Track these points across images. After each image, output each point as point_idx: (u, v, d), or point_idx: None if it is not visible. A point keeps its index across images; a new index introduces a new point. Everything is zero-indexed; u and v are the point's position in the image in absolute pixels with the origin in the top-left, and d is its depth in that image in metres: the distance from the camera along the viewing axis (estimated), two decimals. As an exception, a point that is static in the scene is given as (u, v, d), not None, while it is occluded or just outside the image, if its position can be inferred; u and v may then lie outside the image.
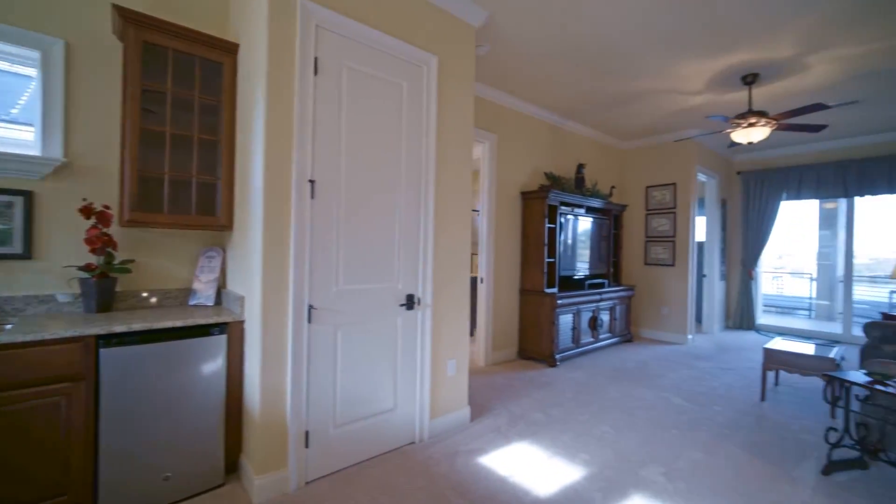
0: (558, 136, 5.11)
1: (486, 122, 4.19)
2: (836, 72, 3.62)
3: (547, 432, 2.73)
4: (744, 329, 6.52)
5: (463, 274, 2.80)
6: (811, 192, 5.96)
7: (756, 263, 6.44)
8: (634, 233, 6.04)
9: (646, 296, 5.89)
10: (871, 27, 2.90)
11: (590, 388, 3.59)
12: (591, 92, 4.19)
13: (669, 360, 4.61)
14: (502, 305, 4.43)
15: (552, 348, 4.24)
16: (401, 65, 2.41)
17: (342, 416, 2.21)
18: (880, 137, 5.40)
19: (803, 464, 2.40)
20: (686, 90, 4.09)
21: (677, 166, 5.61)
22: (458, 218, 2.77)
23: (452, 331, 2.75)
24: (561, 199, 4.57)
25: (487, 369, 4.12)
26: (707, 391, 3.61)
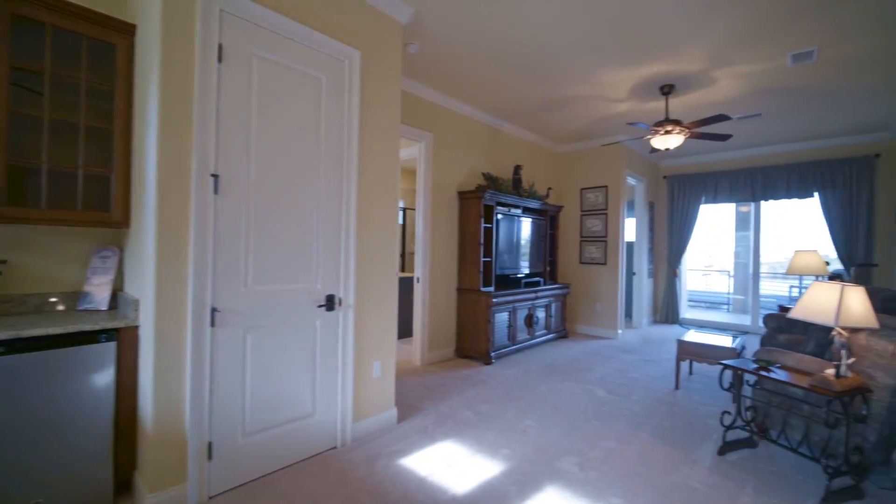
0: (496, 137, 5.20)
1: (422, 121, 4.18)
2: (740, 87, 3.96)
3: (473, 430, 2.75)
4: (669, 323, 6.99)
5: (389, 273, 2.76)
6: (726, 197, 6.51)
7: (680, 262, 6.92)
8: (570, 233, 6.29)
9: (581, 293, 6.15)
10: (763, 48, 3.20)
11: (521, 385, 3.68)
12: (525, 95, 4.30)
13: (599, 355, 4.84)
14: (439, 305, 4.43)
15: (488, 346, 4.31)
16: (320, 57, 2.33)
17: (253, 425, 2.09)
18: (781, 148, 6.00)
19: (704, 446, 2.60)
20: (611, 97, 4.30)
21: (608, 170, 5.91)
22: (384, 216, 2.73)
23: (378, 331, 2.70)
24: (498, 199, 4.65)
25: (423, 369, 4.10)
26: (628, 382, 3.82)
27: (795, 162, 5.87)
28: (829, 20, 2.83)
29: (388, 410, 2.79)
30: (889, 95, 4.10)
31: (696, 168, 6.80)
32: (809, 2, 2.64)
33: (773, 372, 2.34)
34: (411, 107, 4.05)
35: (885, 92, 4.01)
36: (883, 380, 2.12)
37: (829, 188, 5.62)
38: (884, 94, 4.08)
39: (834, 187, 5.59)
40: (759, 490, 2.13)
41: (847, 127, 5.17)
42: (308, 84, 2.28)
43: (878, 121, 4.90)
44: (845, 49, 3.20)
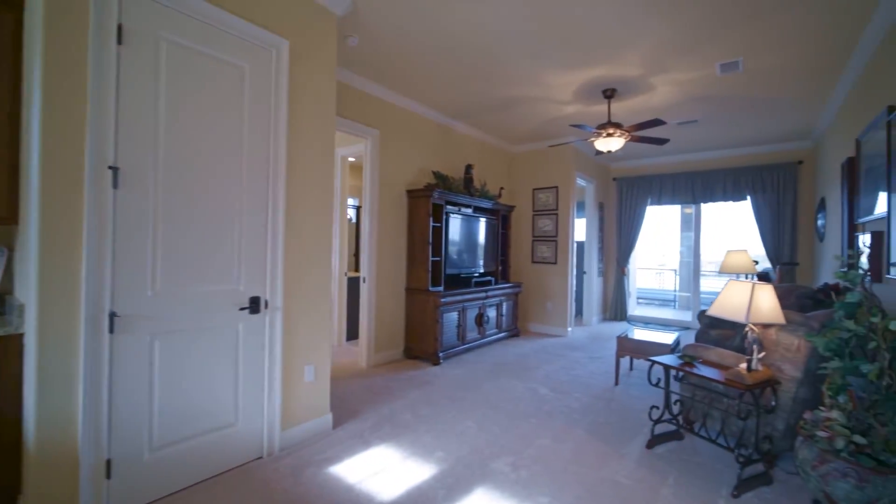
0: (448, 136, 5.18)
1: (368, 117, 4.08)
2: (676, 93, 4.13)
3: (411, 433, 2.70)
4: (618, 320, 7.23)
5: (323, 274, 2.66)
6: (669, 199, 6.81)
7: (628, 261, 7.18)
8: (523, 232, 6.37)
9: (533, 292, 6.24)
10: (693, 57, 3.34)
11: (466, 385, 3.67)
12: (474, 94, 4.29)
13: (547, 352, 4.92)
14: (387, 305, 4.35)
15: (436, 347, 4.27)
16: (242, 45, 2.20)
17: (163, 438, 1.94)
18: (718, 153, 6.34)
19: (635, 440, 2.67)
20: (558, 99, 4.37)
21: (559, 171, 6.03)
22: (318, 213, 2.62)
23: (310, 334, 2.59)
24: (448, 198, 4.62)
25: (369, 371, 4.01)
26: (572, 380, 3.89)
27: (730, 167, 6.23)
28: (752, 32, 2.98)
29: (323, 416, 2.68)
30: (808, 106, 4.41)
31: (643, 171, 7.07)
32: (733, 15, 2.77)
33: (695, 367, 2.43)
34: (356, 102, 3.95)
35: (805, 103, 4.31)
36: (790, 372, 2.25)
37: (759, 192, 6.00)
38: (804, 105, 4.38)
39: (764, 191, 5.97)
40: (679, 481, 2.21)
41: (775, 135, 5.53)
42: (229, 73, 2.15)
43: (801, 130, 5.27)
44: (767, 60, 3.39)
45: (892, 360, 1.79)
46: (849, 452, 1.76)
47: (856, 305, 1.97)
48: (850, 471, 1.75)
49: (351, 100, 3.89)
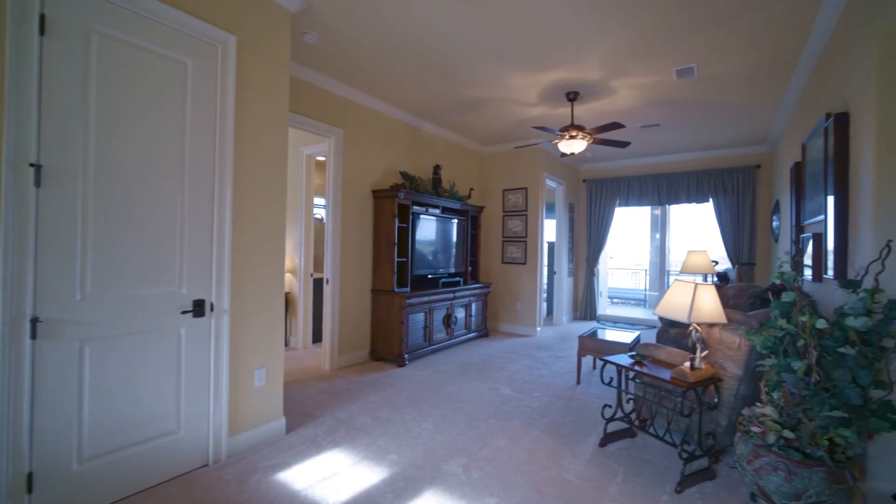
0: (417, 136, 5.15)
1: (331, 116, 4.02)
2: (637, 97, 4.22)
3: (366, 436, 2.67)
4: (588, 319, 7.35)
5: (275, 274, 2.60)
6: (636, 200, 6.96)
7: (597, 261, 7.30)
8: (493, 233, 6.40)
9: (503, 292, 6.28)
10: (650, 62, 3.41)
11: (429, 386, 3.65)
12: (439, 94, 4.28)
13: (515, 352, 4.95)
14: (352, 307, 4.30)
15: (401, 348, 4.25)
16: (184, 40, 2.12)
17: (94, 448, 1.86)
18: (682, 156, 6.52)
19: (588, 439, 2.71)
20: (524, 101, 4.41)
21: (528, 172, 6.08)
22: (269, 212, 2.56)
23: (261, 337, 2.53)
24: (415, 198, 4.60)
25: (332, 374, 3.95)
26: (535, 379, 3.93)
27: (694, 170, 6.41)
28: (703, 40, 3.07)
29: (275, 421, 2.62)
30: (762, 112, 4.57)
31: (612, 173, 7.21)
32: (684, 24, 2.84)
33: (645, 366, 2.48)
34: (317, 100, 3.88)
35: (759, 109, 4.47)
36: (732, 370, 2.32)
37: (720, 194, 6.20)
38: (758, 111, 4.54)
39: (725, 194, 6.17)
40: (627, 478, 2.25)
41: (734, 140, 5.72)
42: (169, 68, 2.07)
43: (757, 135, 5.47)
44: (721, 67, 3.50)
45: (820, 357, 1.86)
46: (779, 447, 1.82)
47: (790, 305, 2.05)
48: (780, 464, 1.81)
49: (312, 98, 3.82)
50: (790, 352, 2.01)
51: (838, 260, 2.38)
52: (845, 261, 2.35)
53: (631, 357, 2.57)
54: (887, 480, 1.94)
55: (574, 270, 7.46)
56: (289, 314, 5.07)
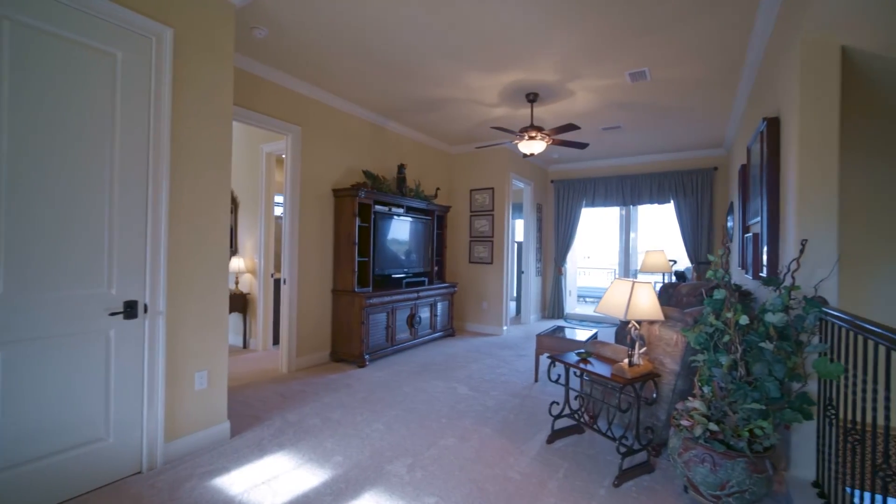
0: (381, 135, 5.12)
1: (289, 113, 3.95)
2: (594, 100, 4.30)
3: (313, 438, 2.63)
4: (556, 318, 7.45)
5: (217, 274, 2.53)
6: (602, 201, 7.10)
7: (564, 261, 7.41)
8: (460, 233, 6.42)
9: (470, 292, 6.30)
10: (604, 65, 3.48)
11: (386, 387, 3.63)
12: (400, 93, 4.26)
13: (478, 351, 4.98)
14: (312, 307, 4.23)
15: (362, 349, 4.21)
16: (113, 31, 2.04)
17: (9, 458, 1.76)
18: (644, 158, 6.69)
19: (537, 436, 2.74)
20: (485, 102, 4.43)
21: (494, 172, 6.12)
22: (211, 209, 2.49)
23: (203, 338, 2.46)
24: (378, 198, 4.57)
25: (289, 376, 3.88)
26: (494, 378, 3.95)
27: (656, 172, 6.58)
28: (651, 45, 3.14)
29: (218, 425, 2.55)
30: (716, 117, 4.73)
31: (579, 174, 7.33)
32: (631, 28, 2.90)
33: (590, 364, 2.53)
34: (273, 97, 3.81)
35: (713, 113, 4.62)
36: (670, 365, 2.39)
37: (681, 196, 6.38)
38: (712, 115, 4.69)
39: (685, 195, 6.35)
40: (568, 474, 2.28)
41: (693, 143, 5.90)
42: (96, 60, 1.99)
43: (714, 139, 5.65)
44: (671, 72, 3.60)
45: (744, 352, 1.93)
46: (705, 439, 1.89)
47: (721, 302, 2.12)
48: (706, 456, 1.87)
49: (267, 94, 3.75)
50: (720, 347, 2.08)
51: (771, 258, 2.48)
52: (777, 259, 2.45)
53: (577, 355, 2.61)
54: (808, 468, 2.03)
55: (542, 270, 7.56)
56: (248, 316, 4.95)
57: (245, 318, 4.92)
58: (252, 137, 4.86)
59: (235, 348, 4.90)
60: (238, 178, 5.05)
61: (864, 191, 2.97)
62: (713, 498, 1.87)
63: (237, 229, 5.10)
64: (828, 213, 2.02)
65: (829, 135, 2.01)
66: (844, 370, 1.64)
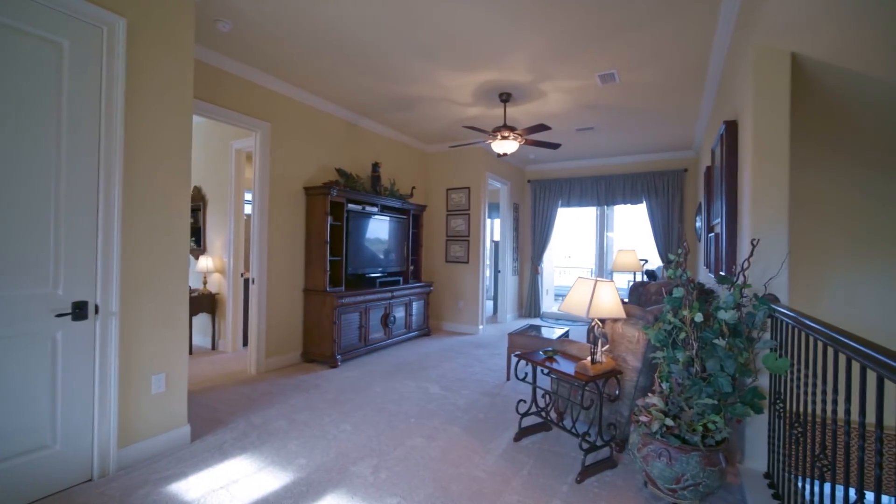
0: (355, 133, 5.06)
1: (256, 108, 3.86)
2: (567, 101, 4.35)
3: (278, 441, 2.58)
4: (532, 317, 7.52)
5: (177, 273, 2.45)
6: (578, 201, 7.19)
7: (541, 260, 7.49)
8: (436, 232, 6.41)
9: (446, 291, 6.30)
10: (573, 66, 3.52)
11: (356, 387, 3.59)
12: (375, 91, 4.22)
13: (453, 350, 4.98)
14: (282, 307, 4.16)
15: (334, 349, 4.15)
16: (60, 19, 1.95)
17: (-59, 468, 1.67)
18: (618, 160, 6.81)
19: (504, 434, 2.75)
20: (459, 101, 4.43)
21: (471, 171, 6.14)
22: (170, 205, 2.41)
23: (160, 340, 2.38)
24: (351, 196, 4.52)
25: (258, 377, 3.80)
26: (467, 377, 3.96)
27: (629, 172, 6.71)
28: (618, 48, 3.20)
29: (178, 429, 2.48)
30: (684, 119, 4.85)
31: (555, 174, 7.41)
32: (597, 31, 2.94)
33: (556, 362, 2.55)
34: (242, 92, 3.72)
35: (681, 116, 4.73)
36: (632, 362, 2.43)
37: (653, 196, 6.53)
38: (681, 118, 4.81)
39: (657, 196, 6.50)
40: (533, 471, 2.30)
41: (664, 145, 6.04)
42: (40, 49, 1.89)
43: (684, 141, 5.80)
44: (639, 74, 3.67)
45: (700, 349, 1.99)
46: (661, 434, 1.93)
47: (679, 300, 2.17)
48: (662, 451, 1.91)
49: (234, 89, 3.65)
50: (678, 344, 2.13)
51: (729, 258, 2.56)
52: (734, 258, 2.53)
53: (544, 353, 2.63)
54: (760, 460, 2.10)
55: (519, 269, 7.61)
56: (217, 316, 4.83)
57: (214, 319, 4.80)
58: (222, 134, 4.74)
59: (203, 350, 4.78)
60: (207, 175, 4.92)
61: (816, 188, 3.09)
62: (669, 492, 1.91)
63: (206, 228, 4.96)
64: (778, 213, 2.09)
65: (780, 136, 2.08)
66: (791, 365, 1.70)
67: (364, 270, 4.79)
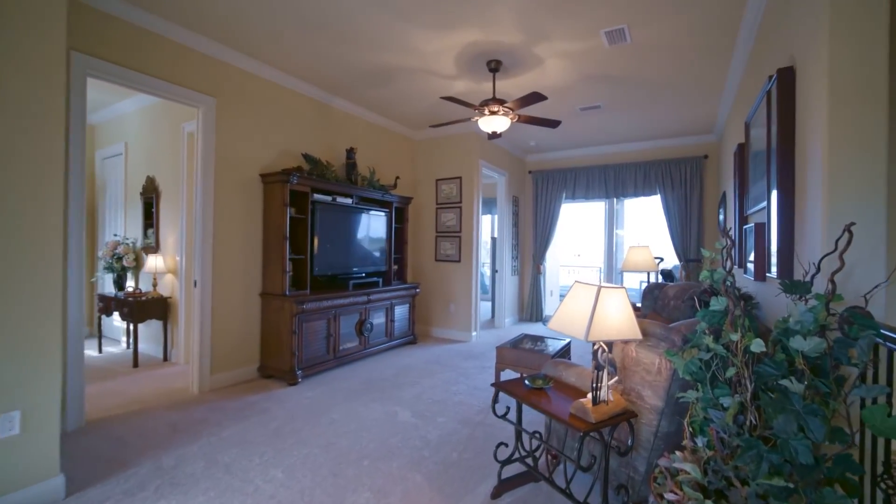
0: (326, 114, 4.44)
1: (199, 81, 3.25)
2: (569, 70, 3.67)
3: (181, 496, 1.96)
4: (534, 321, 6.84)
5: (41, 278, 1.85)
6: (583, 194, 6.48)
7: (543, 258, 6.80)
8: (425, 227, 5.77)
9: (436, 293, 5.66)
10: (574, 20, 2.85)
11: (311, 412, 2.97)
12: (341, 62, 3.59)
13: (438, 363, 4.33)
14: (234, 314, 3.55)
15: (293, 363, 3.54)
16: None
17: None
18: (628, 146, 6.09)
19: (481, 486, 2.10)
20: (441, 72, 3.78)
21: (462, 160, 5.48)
22: (30, 189, 1.81)
23: (14, 366, 1.78)
24: (318, 185, 3.91)
25: (199, 398, 3.20)
26: (447, 398, 3.31)
27: (641, 161, 5.99)
28: (629, -12, 2.52)
29: (43, 482, 1.88)
30: (707, 91, 4.14)
31: (558, 163, 6.72)
32: (602, -42, 2.28)
33: (546, 395, 1.90)
34: (178, 61, 3.11)
35: (704, 87, 4.03)
36: (651, 399, 1.76)
37: (668, 187, 5.80)
38: (703, 90, 4.10)
39: (673, 187, 5.77)
40: (512, 553, 1.65)
41: (681, 128, 5.31)
42: None
43: (705, 122, 5.07)
44: (655, 31, 2.99)
45: (756, 393, 1.32)
46: (699, 525, 1.26)
47: (721, 316, 1.50)
48: (700, 551, 1.24)
49: (167, 56, 3.05)
50: (720, 381, 1.46)
51: (783, 253, 1.88)
52: (792, 254, 1.84)
53: (531, 382, 1.98)
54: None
55: (519, 268, 6.93)
56: (170, 323, 4.25)
57: (166, 326, 4.22)
58: (173, 115, 4.15)
59: (154, 361, 4.20)
60: (160, 163, 4.34)
61: None
62: None
63: (159, 223, 4.39)
64: (871, 186, 1.41)
65: (875, 72, 1.40)
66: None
67: (335, 271, 4.17)
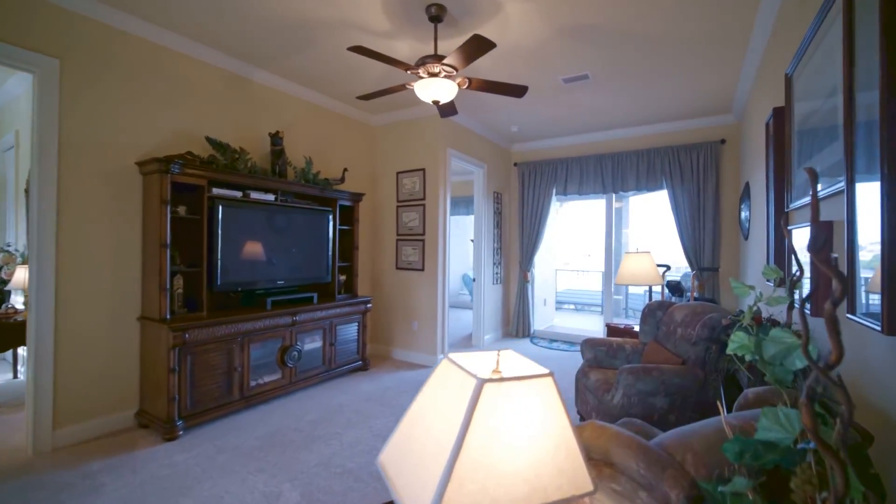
0: (246, 91, 3.58)
1: (37, 38, 2.41)
2: (540, 21, 2.75)
3: None
4: (522, 337, 5.91)
5: None
6: (576, 189, 5.53)
7: (532, 264, 5.86)
8: (385, 229, 4.88)
9: (398, 308, 4.76)
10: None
11: (161, 492, 2.10)
12: (238, 15, 2.72)
13: (380, 400, 3.43)
14: (98, 345, 2.71)
15: (170, 410, 2.67)
16: None
17: None
18: (628, 131, 5.14)
19: None
20: (370, 27, 2.89)
21: (426, 148, 4.57)
22: None
23: None
24: (221, 177, 3.05)
25: (30, 462, 2.35)
26: (362, 466, 2.41)
27: (644, 148, 5.03)
28: None
29: None
30: (726, 55, 3.18)
31: (548, 153, 5.77)
32: None
33: None
34: None
35: (721, 48, 3.07)
36: None
37: (677, 178, 4.83)
38: (720, 52, 3.14)
39: (682, 178, 4.80)
40: None
41: (692, 107, 4.35)
42: None
43: (721, 98, 4.11)
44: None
45: None
46: None
47: (783, 455, 0.59)
48: None
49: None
50: None
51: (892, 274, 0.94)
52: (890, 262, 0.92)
53: None
54: None
55: (503, 276, 6.00)
56: (47, 350, 3.42)
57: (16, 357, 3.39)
58: (49, 92, 3.32)
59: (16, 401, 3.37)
60: (39, 152, 3.52)
61: None
62: None
63: (41, 226, 3.57)
64: None
65: None
66: None
67: (250, 286, 3.31)
